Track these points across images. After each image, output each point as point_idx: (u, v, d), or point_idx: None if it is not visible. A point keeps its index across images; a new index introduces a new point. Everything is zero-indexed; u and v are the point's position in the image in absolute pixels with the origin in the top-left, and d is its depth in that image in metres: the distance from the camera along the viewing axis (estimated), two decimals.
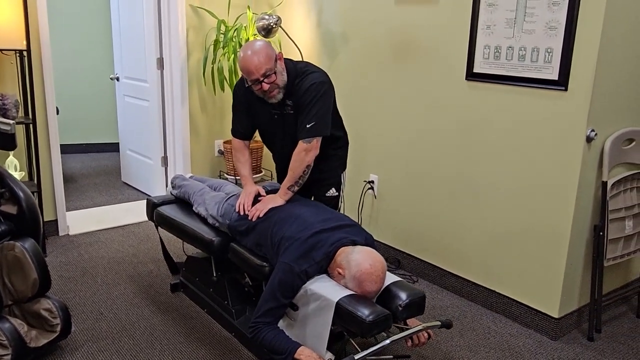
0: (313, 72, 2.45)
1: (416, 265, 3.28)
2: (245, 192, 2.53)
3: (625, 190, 2.66)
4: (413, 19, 3.06)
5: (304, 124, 2.39)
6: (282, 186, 2.46)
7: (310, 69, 2.46)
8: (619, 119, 2.56)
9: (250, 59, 2.31)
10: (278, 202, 2.42)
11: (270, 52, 2.35)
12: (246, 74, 2.36)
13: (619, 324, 2.81)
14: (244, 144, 2.68)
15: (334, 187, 2.64)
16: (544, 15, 2.44)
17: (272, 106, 2.48)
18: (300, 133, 2.40)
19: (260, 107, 2.53)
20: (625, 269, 2.97)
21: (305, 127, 2.38)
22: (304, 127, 2.39)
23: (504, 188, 2.75)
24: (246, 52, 2.33)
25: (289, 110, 2.47)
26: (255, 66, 2.31)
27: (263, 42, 2.37)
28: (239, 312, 2.55)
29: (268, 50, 2.34)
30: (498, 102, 2.71)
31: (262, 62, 2.31)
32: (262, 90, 2.37)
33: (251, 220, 2.37)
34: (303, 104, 2.40)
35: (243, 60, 2.33)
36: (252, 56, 2.31)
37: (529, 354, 2.52)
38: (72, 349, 2.42)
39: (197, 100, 4.13)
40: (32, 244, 2.31)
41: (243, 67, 2.35)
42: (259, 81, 2.34)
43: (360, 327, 1.89)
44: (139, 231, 3.83)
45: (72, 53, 5.77)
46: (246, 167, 2.65)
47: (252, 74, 2.33)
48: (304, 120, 2.39)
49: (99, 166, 5.58)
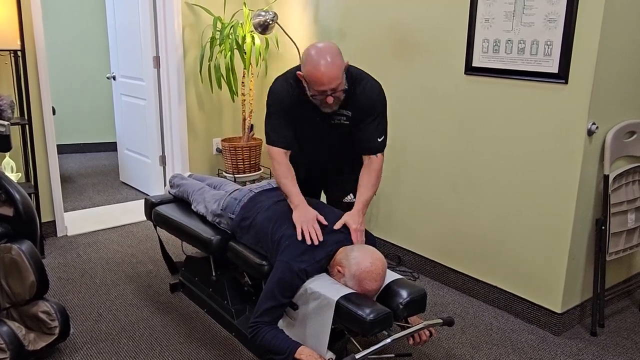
0: (369, 79, 2.29)
1: (417, 262, 3.26)
2: (305, 218, 2.16)
3: (627, 184, 2.64)
4: (411, 14, 3.03)
5: (374, 136, 2.28)
6: (360, 202, 2.27)
7: (363, 75, 2.28)
8: (620, 111, 2.53)
9: (325, 69, 2.06)
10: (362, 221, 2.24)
11: (342, 62, 2.12)
12: (315, 84, 2.10)
13: (622, 318, 2.79)
14: (287, 155, 2.32)
15: (352, 192, 2.58)
16: (543, 7, 2.41)
17: (320, 114, 2.27)
18: (373, 146, 2.29)
19: (305, 114, 2.30)
20: (628, 263, 2.95)
21: (377, 140, 2.29)
22: (376, 140, 2.28)
23: (504, 183, 2.72)
24: (320, 61, 2.07)
25: (342, 120, 2.29)
26: (330, 78, 2.08)
27: (336, 49, 2.12)
28: (238, 312, 2.53)
29: (341, 59, 2.12)
30: (498, 96, 2.68)
31: (337, 75, 2.09)
32: (325, 102, 2.16)
33: (256, 217, 2.32)
34: (370, 115, 2.26)
35: (316, 70, 2.07)
36: (328, 67, 2.07)
37: (532, 349, 2.50)
38: (71, 351, 2.41)
39: (194, 98, 4.10)
40: (29, 246, 2.29)
41: (314, 77, 2.09)
42: (327, 93, 2.12)
43: (360, 326, 1.87)
44: (138, 231, 3.81)
45: (67, 52, 5.74)
46: (295, 184, 2.27)
47: (323, 86, 2.09)
48: (375, 132, 2.28)
49: (96, 166, 5.56)
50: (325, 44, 2.14)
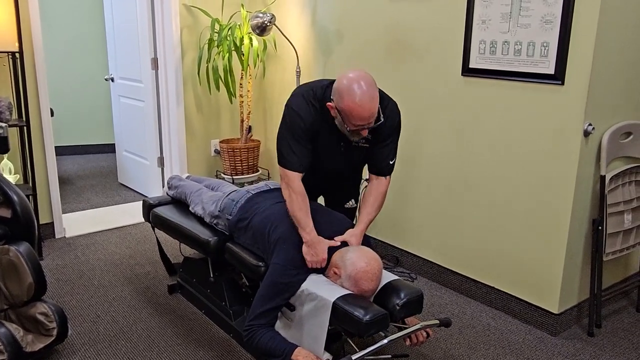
0: (389, 100, 2.23)
1: (414, 263, 3.26)
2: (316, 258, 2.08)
3: (623, 184, 2.65)
4: (408, 15, 3.04)
5: (387, 159, 2.27)
6: (364, 222, 2.25)
7: (382, 94, 2.18)
8: (616, 112, 2.54)
9: (366, 105, 1.97)
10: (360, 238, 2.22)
11: (377, 92, 2.04)
12: (355, 119, 2.01)
13: (619, 318, 2.80)
14: (301, 178, 2.19)
15: (353, 198, 2.59)
16: (539, 9, 2.42)
17: (344, 139, 2.21)
18: (385, 168, 2.28)
19: (326, 138, 2.21)
20: (625, 263, 2.95)
21: (389, 162, 2.28)
22: (388, 162, 2.27)
23: (501, 184, 2.73)
24: (361, 96, 1.97)
25: (362, 143, 2.24)
26: (371, 114, 2.00)
27: (372, 80, 2.02)
28: (236, 313, 2.54)
29: (377, 90, 2.03)
30: (495, 97, 2.69)
31: (376, 109, 2.02)
32: (358, 133, 2.08)
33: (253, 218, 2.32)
34: (389, 137, 2.24)
35: (357, 106, 1.97)
36: (370, 102, 1.98)
37: (529, 350, 2.51)
38: (69, 352, 2.41)
39: (193, 100, 4.11)
40: (27, 247, 2.29)
41: (355, 113, 1.99)
42: (364, 127, 2.04)
43: (357, 327, 1.87)
44: (136, 232, 3.81)
45: (65, 54, 5.74)
46: (309, 216, 2.14)
47: (364, 121, 2.01)
48: (389, 155, 2.26)
49: (95, 167, 5.56)
50: (360, 74, 2.01)
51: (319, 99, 2.16)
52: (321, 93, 2.16)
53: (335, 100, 2.06)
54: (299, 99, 2.17)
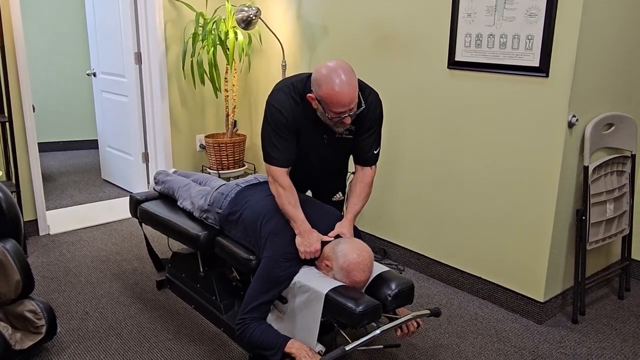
0: (370, 90, 2.24)
1: (402, 255, 3.29)
2: (310, 248, 2.09)
3: (605, 175, 2.70)
4: (394, 9, 3.05)
5: (372, 149, 2.28)
6: (351, 213, 2.27)
7: (362, 84, 2.21)
8: (598, 103, 2.59)
9: (344, 90, 1.98)
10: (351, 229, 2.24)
11: (356, 79, 2.05)
12: (335, 106, 2.02)
13: (602, 305, 2.87)
14: (288, 173, 2.21)
15: (340, 191, 2.60)
16: (524, 2, 2.45)
17: (327, 131, 2.22)
18: (370, 159, 2.30)
19: (310, 131, 2.22)
20: (607, 252, 3.02)
21: (373, 152, 2.29)
22: (372, 152, 2.29)
23: (487, 175, 2.77)
24: (339, 83, 1.98)
25: (346, 134, 2.25)
26: (350, 99, 2.01)
27: (349, 67, 2.04)
28: (227, 307, 2.54)
29: (355, 77, 2.05)
30: (480, 89, 2.72)
31: (356, 94, 2.02)
32: (341, 122, 2.09)
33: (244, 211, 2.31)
34: (372, 127, 2.25)
35: (335, 92, 1.98)
36: (347, 87, 1.99)
37: (516, 338, 2.55)
38: (58, 350, 2.39)
39: (177, 94, 4.08)
40: (13, 244, 2.26)
41: (334, 99, 2.00)
42: (345, 114, 2.05)
43: (350, 318, 1.89)
44: (122, 229, 3.78)
45: (47, 49, 5.65)
46: (299, 209, 2.15)
47: (343, 107, 2.02)
48: (373, 145, 2.28)
49: (78, 164, 5.49)
50: (337, 63, 2.04)
51: (299, 92, 2.16)
52: (301, 86, 2.17)
53: (315, 90, 2.07)
54: (280, 94, 2.17)
